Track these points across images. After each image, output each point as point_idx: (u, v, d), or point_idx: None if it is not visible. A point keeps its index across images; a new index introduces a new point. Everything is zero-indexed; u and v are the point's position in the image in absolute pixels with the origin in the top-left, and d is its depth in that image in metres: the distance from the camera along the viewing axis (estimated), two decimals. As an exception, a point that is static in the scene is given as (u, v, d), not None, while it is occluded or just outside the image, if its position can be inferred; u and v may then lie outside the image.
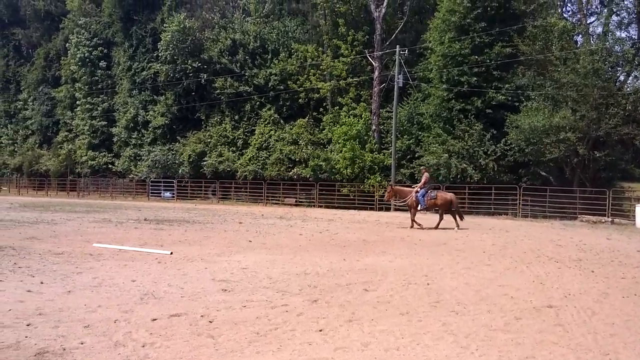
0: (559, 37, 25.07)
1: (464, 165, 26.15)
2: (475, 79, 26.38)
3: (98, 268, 10.18)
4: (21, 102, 53.70)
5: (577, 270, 10.30)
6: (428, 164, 26.94)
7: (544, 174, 26.06)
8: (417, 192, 18.58)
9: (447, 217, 19.06)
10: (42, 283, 8.75)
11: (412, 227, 18.44)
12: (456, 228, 17.93)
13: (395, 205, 19.95)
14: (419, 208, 18.64)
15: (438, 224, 18.55)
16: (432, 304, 7.55)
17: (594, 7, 29.96)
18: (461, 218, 18.76)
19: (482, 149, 26.16)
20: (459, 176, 26.34)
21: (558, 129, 23.79)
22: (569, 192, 24.63)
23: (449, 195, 18.98)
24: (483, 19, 26.32)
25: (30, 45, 54.48)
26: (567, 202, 24.33)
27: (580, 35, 28.93)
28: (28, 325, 6.38)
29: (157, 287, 8.51)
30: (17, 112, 54.37)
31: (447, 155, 26.46)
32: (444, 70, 27.40)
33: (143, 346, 5.67)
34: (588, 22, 29.29)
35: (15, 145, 53.84)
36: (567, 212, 24.08)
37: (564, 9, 31.93)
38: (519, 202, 25.62)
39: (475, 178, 25.96)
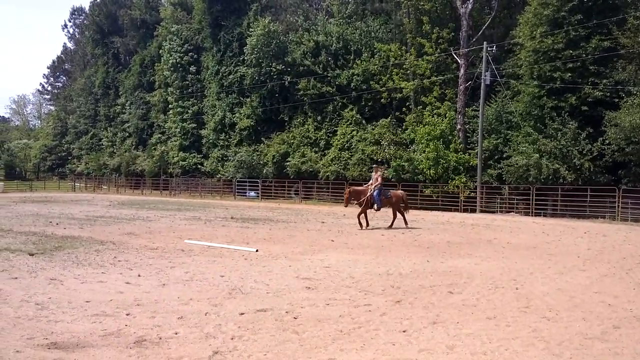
0: (664, 28, 23.09)
1: (557, 165, 24.78)
2: (569, 74, 24.90)
3: (189, 263, 10.71)
4: (119, 107, 57.67)
5: (687, 279, 9.43)
6: (516, 164, 25.82)
7: (647, 174, 24.10)
8: (371, 191, 17.83)
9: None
10: (139, 276, 9.35)
11: (367, 226, 17.85)
12: (405, 225, 18.21)
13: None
14: (375, 207, 18.03)
15: (392, 222, 18.42)
16: (522, 309, 7.23)
17: None
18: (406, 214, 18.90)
19: (576, 148, 24.65)
20: (550, 177, 25.01)
21: (664, 127, 21.90)
22: (677, 194, 22.60)
23: (400, 192, 19.28)
24: (579, 11, 24.76)
25: (128, 52, 58.35)
26: (674, 205, 22.37)
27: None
28: (127, 314, 6.84)
29: (244, 283, 8.82)
30: (116, 115, 58.46)
31: (537, 155, 25.20)
32: (535, 66, 26.07)
33: (232, 338, 5.89)
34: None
35: (114, 146, 57.87)
36: (675, 217, 22.14)
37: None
38: (618, 205, 23.85)
39: (569, 179, 24.53)
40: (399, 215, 18.63)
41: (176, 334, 6.06)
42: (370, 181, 18.74)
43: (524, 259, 11.69)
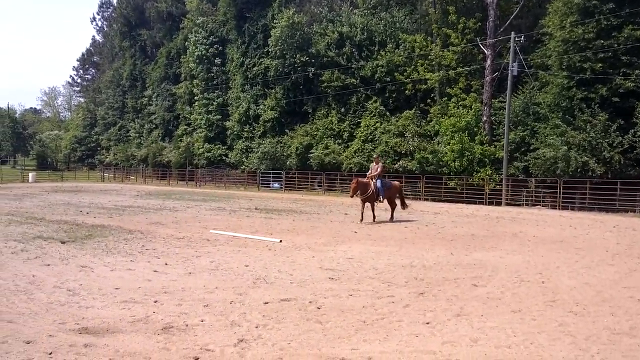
0: (700, 16, 22.30)
1: (585, 158, 24.26)
2: (600, 65, 24.28)
3: (215, 253, 10.88)
4: (146, 99, 58.48)
5: None
6: (544, 156, 25.38)
7: (680, 168, 23.41)
8: (373, 182, 17.45)
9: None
10: (166, 264, 9.55)
11: (361, 221, 17.35)
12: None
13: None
14: (380, 199, 17.70)
15: (403, 206, 18.74)
16: (548, 303, 7.16)
17: None
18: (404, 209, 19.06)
19: (606, 140, 24.08)
20: (578, 170, 24.52)
21: (699, 118, 21.23)
22: None
23: (397, 183, 19.30)
24: (611, 0, 24.12)
25: (154, 45, 59.01)
26: None
27: None
28: (155, 302, 7.01)
29: (268, 273, 8.92)
30: (143, 107, 59.31)
31: (566, 147, 24.71)
32: (565, 56, 25.48)
33: (256, 327, 5.99)
34: None
35: (142, 138, 58.75)
36: None
37: None
38: (649, 199, 23.27)
39: (598, 172, 24.00)
40: (390, 206, 18.45)
41: (202, 321, 6.18)
42: (369, 172, 18.43)
43: (550, 252, 11.53)
